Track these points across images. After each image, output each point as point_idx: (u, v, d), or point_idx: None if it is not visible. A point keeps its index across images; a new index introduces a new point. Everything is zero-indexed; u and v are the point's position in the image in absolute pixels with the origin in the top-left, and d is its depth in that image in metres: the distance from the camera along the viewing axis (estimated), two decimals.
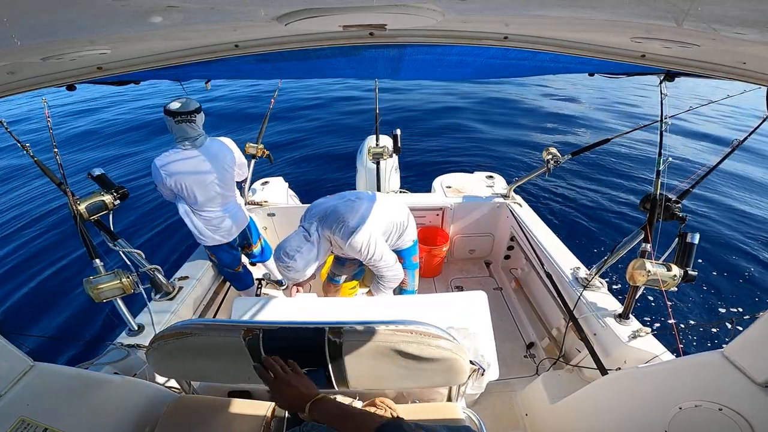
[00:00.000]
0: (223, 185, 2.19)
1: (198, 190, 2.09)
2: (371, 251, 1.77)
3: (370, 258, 1.80)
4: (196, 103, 1.98)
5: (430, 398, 1.42)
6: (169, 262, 3.84)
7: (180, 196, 2.12)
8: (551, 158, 2.47)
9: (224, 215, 2.26)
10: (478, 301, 1.65)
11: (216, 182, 2.14)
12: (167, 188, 2.06)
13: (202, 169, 2.07)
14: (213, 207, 2.21)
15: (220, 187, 2.17)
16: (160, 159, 2.01)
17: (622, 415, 1.29)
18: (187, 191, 2.07)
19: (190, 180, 2.05)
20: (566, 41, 0.83)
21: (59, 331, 3.34)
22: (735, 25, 0.49)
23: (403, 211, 2.02)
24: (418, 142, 7.90)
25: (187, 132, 1.97)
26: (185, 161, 2.02)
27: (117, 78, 1.03)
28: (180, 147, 2.01)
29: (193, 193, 2.09)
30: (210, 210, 2.21)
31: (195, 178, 2.06)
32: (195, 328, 1.14)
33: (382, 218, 1.88)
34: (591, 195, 6.05)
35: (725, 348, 0.98)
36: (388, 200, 1.99)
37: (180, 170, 2.01)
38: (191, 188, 2.07)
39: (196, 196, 2.11)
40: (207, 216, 2.20)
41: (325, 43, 0.86)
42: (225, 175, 2.18)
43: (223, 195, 2.22)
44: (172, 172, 2.00)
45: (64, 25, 0.54)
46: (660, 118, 1.68)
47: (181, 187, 2.05)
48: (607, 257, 1.92)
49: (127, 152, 7.16)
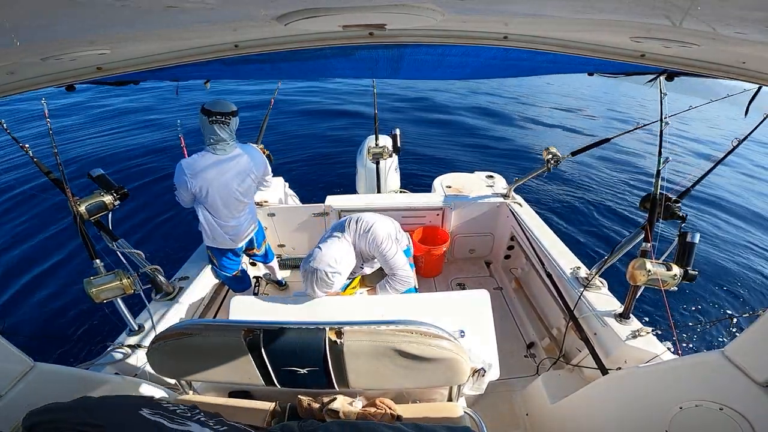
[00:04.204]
0: (244, 193, 2.15)
1: (219, 195, 2.05)
2: (387, 244, 1.83)
3: (387, 251, 1.83)
4: (234, 106, 1.93)
5: (430, 398, 1.41)
6: (170, 263, 3.85)
7: (200, 201, 2.08)
8: (551, 158, 2.47)
9: (238, 224, 2.23)
10: (480, 300, 1.65)
11: (238, 190, 2.09)
12: (188, 192, 2.01)
13: (226, 176, 2.02)
14: (230, 214, 2.17)
15: (241, 195, 2.13)
16: (186, 161, 1.97)
17: (622, 414, 1.29)
18: (209, 197, 2.04)
19: (214, 185, 2.00)
20: (566, 41, 0.83)
21: (59, 331, 3.34)
22: (735, 25, 0.49)
23: (392, 222, 2.10)
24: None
25: (218, 134, 1.93)
26: (211, 165, 1.98)
27: (117, 78, 1.03)
28: (209, 150, 1.97)
29: (215, 200, 2.05)
30: (228, 218, 2.18)
31: (218, 184, 2.01)
32: (195, 329, 1.14)
33: (389, 223, 1.99)
34: (591, 194, 6.05)
35: (726, 348, 0.98)
36: (379, 215, 2.08)
37: (205, 174, 1.96)
38: (214, 195, 2.03)
39: (218, 203, 2.07)
40: (222, 222, 2.18)
41: (325, 43, 0.86)
42: (248, 184, 2.14)
43: (242, 203, 2.18)
44: (198, 176, 1.96)
45: (64, 25, 0.54)
46: (660, 117, 1.68)
47: (203, 193, 2.01)
48: (608, 257, 1.91)
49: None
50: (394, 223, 2.07)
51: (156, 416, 0.70)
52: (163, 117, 9.01)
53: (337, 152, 7.18)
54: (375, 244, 1.82)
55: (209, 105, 1.88)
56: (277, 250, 3.24)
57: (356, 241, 1.84)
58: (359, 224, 1.85)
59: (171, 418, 0.72)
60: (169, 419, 0.71)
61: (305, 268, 1.68)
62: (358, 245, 1.85)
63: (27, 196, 5.43)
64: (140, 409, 0.71)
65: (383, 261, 1.89)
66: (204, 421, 0.78)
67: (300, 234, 3.12)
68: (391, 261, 1.86)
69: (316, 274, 1.63)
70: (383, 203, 2.99)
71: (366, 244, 1.83)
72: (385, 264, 1.90)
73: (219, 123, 1.89)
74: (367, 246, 1.84)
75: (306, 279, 1.68)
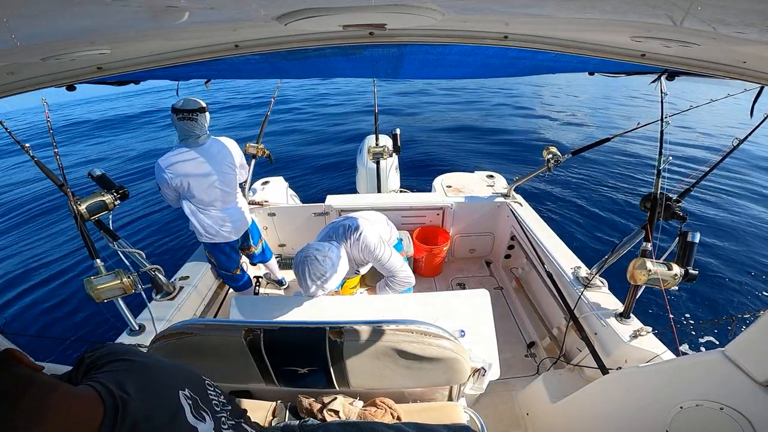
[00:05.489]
0: (226, 185, 2.21)
1: (201, 189, 2.11)
2: (382, 250, 1.83)
3: (381, 256, 1.83)
4: (201, 102, 2.00)
5: (431, 398, 1.41)
6: (170, 263, 3.85)
7: (184, 195, 2.13)
8: (551, 157, 2.46)
9: (226, 215, 2.28)
10: (480, 300, 1.65)
11: (218, 182, 2.15)
12: (172, 189, 2.07)
13: (204, 169, 2.08)
14: (216, 206, 2.23)
15: (223, 187, 2.19)
16: (163, 159, 2.02)
17: (622, 414, 1.29)
18: (191, 190, 2.09)
19: (194, 179, 2.06)
20: (566, 40, 0.83)
21: (60, 331, 3.34)
22: (735, 25, 0.49)
23: (379, 219, 2.12)
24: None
25: (189, 130, 2.00)
26: (188, 161, 2.03)
27: (117, 78, 1.03)
28: (183, 146, 2.04)
29: (196, 193, 2.10)
30: (213, 209, 2.22)
31: (198, 178, 2.07)
32: (195, 328, 1.15)
33: (377, 224, 2.00)
34: (591, 195, 6.05)
35: (726, 347, 0.98)
36: (367, 214, 2.09)
37: (184, 169, 2.03)
38: (194, 187, 2.08)
39: (200, 195, 2.12)
40: (211, 215, 2.22)
41: (325, 42, 0.86)
42: (227, 175, 2.20)
43: (226, 194, 2.24)
44: (177, 172, 2.02)
45: (64, 25, 0.54)
46: (660, 117, 1.68)
47: (185, 186, 2.06)
48: (608, 256, 1.91)
49: None
50: (381, 219, 2.08)
51: (188, 401, 0.71)
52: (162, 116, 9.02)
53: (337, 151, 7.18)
54: (368, 250, 1.82)
55: (177, 104, 1.97)
56: (278, 249, 3.24)
57: (349, 249, 1.84)
58: (348, 233, 1.84)
59: (197, 406, 0.73)
60: (194, 405, 0.72)
61: (295, 263, 1.63)
62: (351, 253, 1.85)
63: (27, 197, 5.44)
64: (183, 388, 0.72)
65: (380, 266, 1.89)
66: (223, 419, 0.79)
67: (300, 234, 3.12)
68: (388, 264, 1.86)
69: (306, 262, 1.57)
70: (383, 203, 2.99)
71: (359, 252, 1.84)
72: (383, 268, 1.90)
73: (187, 120, 1.98)
74: (360, 253, 1.84)
75: (297, 273, 1.62)
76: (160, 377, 0.71)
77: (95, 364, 0.66)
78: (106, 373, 0.64)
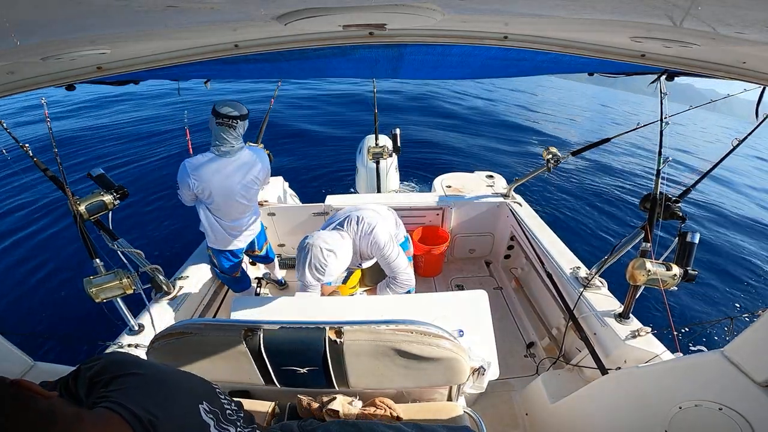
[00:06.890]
0: (247, 199, 2.15)
1: (221, 200, 2.05)
2: (390, 248, 1.81)
3: (389, 254, 1.82)
4: (244, 108, 1.93)
5: (430, 398, 1.42)
6: (170, 263, 3.85)
7: (203, 202, 2.08)
8: (551, 157, 2.46)
9: (240, 226, 2.24)
10: (478, 300, 1.65)
11: (240, 192, 2.09)
12: (190, 192, 2.01)
13: (229, 182, 2.02)
14: (232, 215, 2.18)
15: (243, 201, 2.13)
16: (191, 161, 1.96)
17: (622, 414, 1.29)
18: (211, 199, 2.03)
19: (216, 190, 2.00)
20: (566, 41, 0.83)
21: (59, 330, 3.34)
22: (735, 25, 0.49)
23: (391, 215, 2.09)
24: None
25: (224, 137, 1.92)
26: (215, 167, 1.97)
27: (117, 78, 1.03)
28: (214, 151, 1.96)
29: (216, 203, 2.06)
30: (229, 219, 2.18)
31: (221, 186, 2.00)
32: (195, 328, 1.14)
33: (388, 219, 1.96)
34: (591, 194, 6.05)
35: (725, 348, 0.98)
36: (380, 208, 2.06)
37: (209, 178, 1.96)
38: (215, 197, 2.03)
39: (219, 205, 2.07)
40: (225, 224, 2.18)
41: (325, 42, 0.86)
42: (250, 189, 2.13)
43: (245, 207, 2.19)
44: (201, 179, 1.96)
45: (64, 25, 0.54)
46: (660, 117, 1.68)
47: (206, 194, 2.01)
48: (607, 257, 1.91)
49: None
50: (393, 215, 2.05)
51: (209, 416, 0.69)
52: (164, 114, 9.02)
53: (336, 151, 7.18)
54: (377, 247, 1.80)
55: (219, 106, 1.87)
56: (277, 249, 3.24)
57: (357, 241, 1.82)
58: (360, 225, 1.83)
59: (218, 420, 0.71)
60: (216, 420, 0.70)
61: (300, 247, 1.63)
62: (359, 245, 1.83)
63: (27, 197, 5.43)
64: (201, 402, 0.70)
65: (385, 264, 1.88)
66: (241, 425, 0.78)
67: (300, 233, 3.11)
68: (393, 264, 1.85)
69: (310, 251, 1.56)
70: (383, 203, 2.99)
71: (367, 246, 1.82)
72: (387, 267, 1.89)
73: (225, 126, 1.89)
74: (368, 248, 1.83)
75: (299, 259, 1.61)
76: (177, 393, 0.67)
77: (99, 380, 0.62)
78: (118, 391, 0.59)
